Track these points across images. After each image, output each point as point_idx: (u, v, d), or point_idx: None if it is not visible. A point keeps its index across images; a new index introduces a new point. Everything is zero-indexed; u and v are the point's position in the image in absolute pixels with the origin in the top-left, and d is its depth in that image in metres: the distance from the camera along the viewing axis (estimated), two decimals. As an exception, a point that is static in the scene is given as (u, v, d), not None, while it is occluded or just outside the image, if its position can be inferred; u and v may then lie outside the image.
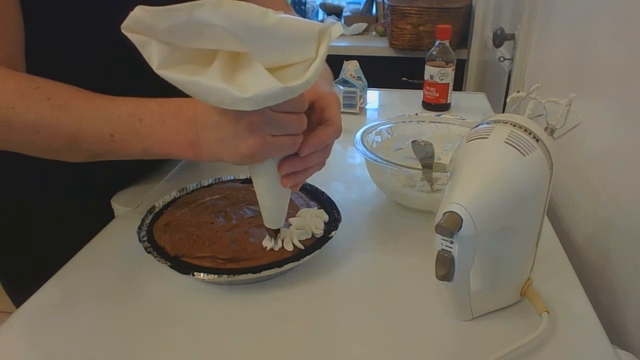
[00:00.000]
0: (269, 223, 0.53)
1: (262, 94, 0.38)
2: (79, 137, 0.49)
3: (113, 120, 0.48)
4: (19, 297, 0.56)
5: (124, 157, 0.52)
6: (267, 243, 0.55)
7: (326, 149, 0.51)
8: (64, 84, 0.50)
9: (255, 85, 0.37)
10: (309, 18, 2.42)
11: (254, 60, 0.38)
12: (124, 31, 0.37)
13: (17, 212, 0.75)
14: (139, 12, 0.36)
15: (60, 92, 0.49)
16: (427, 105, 1.11)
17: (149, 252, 0.55)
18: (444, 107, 1.10)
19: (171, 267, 0.52)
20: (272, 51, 0.37)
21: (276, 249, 0.55)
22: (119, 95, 0.51)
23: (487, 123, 0.47)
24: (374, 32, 2.33)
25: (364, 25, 2.35)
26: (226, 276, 0.51)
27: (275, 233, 0.55)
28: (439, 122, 0.81)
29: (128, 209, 0.71)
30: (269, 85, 0.37)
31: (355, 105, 1.09)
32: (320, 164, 0.52)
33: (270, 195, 0.51)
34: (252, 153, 0.45)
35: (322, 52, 0.38)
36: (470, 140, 0.46)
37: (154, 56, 0.38)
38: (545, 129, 0.47)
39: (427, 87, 1.09)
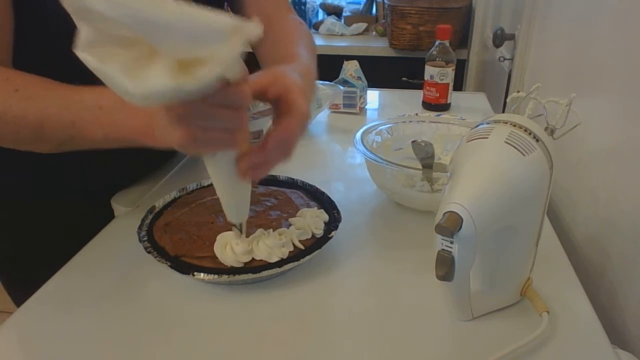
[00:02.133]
0: (230, 217, 0.51)
1: (151, 91, 0.34)
2: (44, 125, 0.50)
3: (75, 108, 0.49)
4: (20, 296, 0.56)
5: (88, 145, 0.52)
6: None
7: (291, 141, 0.47)
8: (35, 76, 0.51)
9: (148, 81, 0.34)
10: (309, 18, 2.42)
11: (162, 53, 0.34)
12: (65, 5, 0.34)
13: (18, 212, 0.75)
14: None
15: (29, 84, 0.50)
16: (427, 105, 1.11)
17: (149, 252, 0.55)
18: (444, 107, 1.10)
19: (171, 267, 0.52)
20: (174, 45, 0.34)
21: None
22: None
23: (487, 123, 0.47)
24: (374, 32, 2.33)
25: (364, 25, 2.35)
26: (226, 276, 0.51)
27: (238, 227, 0.52)
28: (439, 122, 0.81)
29: (128, 209, 0.71)
30: (159, 83, 0.34)
31: (355, 105, 1.09)
32: (286, 157, 0.49)
33: (226, 189, 0.47)
34: (182, 144, 0.42)
35: (228, 52, 0.34)
36: (470, 140, 0.46)
37: (80, 37, 0.34)
38: (545, 129, 0.47)
39: (427, 87, 1.09)
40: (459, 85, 1.99)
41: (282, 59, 0.62)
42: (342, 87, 1.05)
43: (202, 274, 0.51)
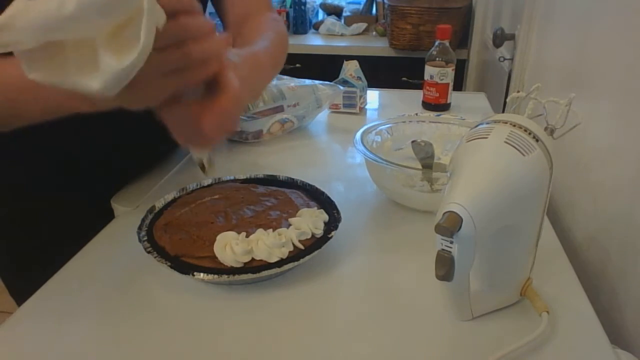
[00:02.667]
0: (194, 155, 0.52)
1: (107, 81, 0.35)
2: None
3: (12, 83, 0.47)
4: (21, 295, 0.56)
5: (28, 120, 0.50)
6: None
7: (227, 121, 0.46)
8: None
9: (97, 73, 0.35)
10: (309, 18, 2.42)
11: (89, 41, 0.35)
12: None
13: (17, 211, 0.75)
14: None
15: None
16: (427, 105, 1.11)
17: (149, 252, 0.55)
18: (444, 107, 1.10)
19: (171, 267, 0.52)
20: (98, 31, 0.34)
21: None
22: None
23: (487, 123, 0.47)
24: (374, 32, 2.33)
25: (364, 25, 2.35)
26: (226, 276, 0.51)
27: (207, 161, 0.53)
28: (439, 122, 0.81)
29: (128, 209, 0.71)
30: (113, 69, 0.34)
31: (355, 105, 1.09)
32: (226, 133, 0.48)
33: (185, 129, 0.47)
34: (153, 98, 0.42)
35: (146, 4, 0.33)
36: (470, 140, 0.46)
37: (21, 62, 0.35)
38: (545, 129, 0.47)
39: (427, 87, 1.09)
40: (459, 85, 2.00)
41: (240, 47, 0.60)
42: (342, 87, 1.05)
43: (202, 274, 0.51)
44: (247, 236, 0.55)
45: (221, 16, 0.80)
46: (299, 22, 2.35)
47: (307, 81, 1.02)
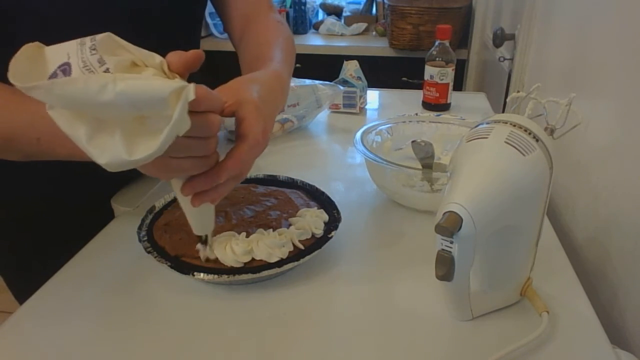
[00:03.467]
0: (195, 231, 0.52)
1: (112, 163, 0.37)
2: (11, 139, 0.51)
3: (41, 125, 0.48)
4: (22, 295, 0.56)
5: (54, 158, 0.52)
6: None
7: (243, 171, 0.48)
8: (4, 87, 0.50)
9: (106, 152, 0.37)
10: (309, 18, 2.42)
11: (113, 122, 0.37)
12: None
13: (18, 211, 0.75)
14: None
15: None
16: (427, 105, 1.11)
17: (149, 252, 0.55)
18: (444, 107, 1.10)
19: (171, 267, 0.52)
20: (123, 117, 0.36)
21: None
22: None
23: (487, 123, 0.47)
24: (374, 32, 2.33)
25: (364, 25, 2.35)
26: (226, 276, 0.51)
27: (204, 240, 0.53)
28: (439, 122, 0.81)
29: (128, 209, 0.71)
30: (116, 155, 0.37)
31: (355, 105, 1.09)
32: (238, 179, 0.49)
33: (187, 206, 0.48)
34: (153, 173, 0.44)
35: (176, 115, 0.36)
36: (470, 140, 0.46)
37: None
38: (545, 129, 0.47)
39: (427, 87, 1.09)
40: (459, 85, 2.00)
41: (256, 61, 0.62)
42: (342, 87, 1.05)
43: (202, 274, 0.51)
44: (247, 236, 0.55)
45: (221, 15, 0.80)
46: (299, 22, 2.35)
47: (307, 81, 1.02)
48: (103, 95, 0.34)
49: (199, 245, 0.53)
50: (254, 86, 0.52)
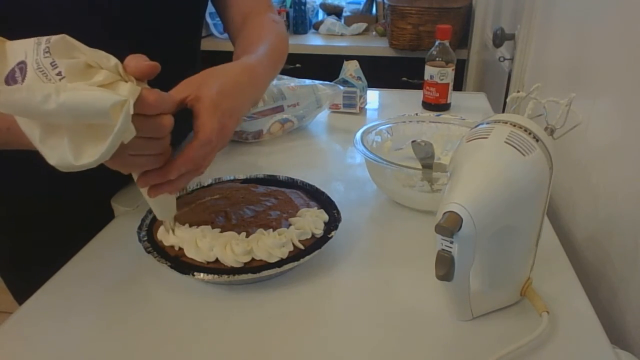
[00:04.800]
0: (158, 216, 0.55)
1: (60, 165, 0.39)
2: None
3: (10, 115, 0.49)
4: (22, 295, 0.56)
5: (24, 147, 0.51)
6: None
7: (194, 162, 0.49)
8: None
9: (56, 154, 0.39)
10: (309, 18, 2.42)
11: (62, 128, 0.39)
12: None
13: (18, 211, 0.75)
14: None
15: None
16: (427, 105, 1.11)
17: (149, 252, 0.55)
18: (444, 107, 1.10)
19: (171, 267, 0.52)
20: (69, 123, 0.38)
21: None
22: None
23: (487, 123, 0.47)
24: (374, 32, 2.33)
25: (364, 25, 2.35)
26: (226, 276, 0.51)
27: (168, 224, 0.56)
28: (439, 122, 0.81)
29: (128, 209, 0.71)
30: (64, 159, 0.39)
31: (355, 105, 1.09)
32: (194, 173, 0.51)
33: (149, 197, 0.51)
34: (112, 167, 0.46)
35: (118, 126, 0.38)
36: (470, 140, 0.46)
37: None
38: (545, 129, 0.47)
39: (427, 87, 1.09)
40: (459, 85, 2.00)
41: (240, 56, 0.63)
42: (342, 87, 1.05)
43: (202, 274, 0.51)
44: (247, 236, 0.55)
45: (221, 15, 0.81)
46: (299, 22, 2.35)
47: (307, 81, 1.02)
48: (46, 105, 0.35)
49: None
50: (217, 80, 0.53)
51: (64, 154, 0.39)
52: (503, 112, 1.01)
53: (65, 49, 0.37)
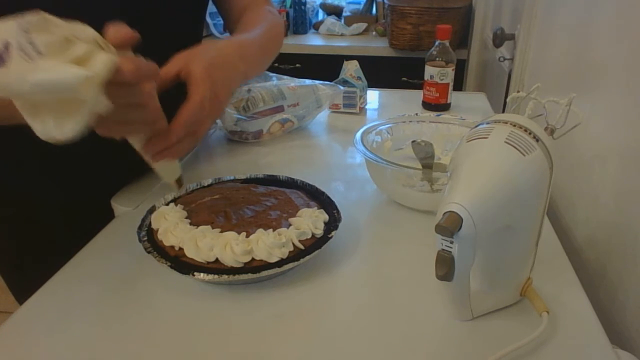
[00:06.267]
0: (165, 179, 0.59)
1: (47, 138, 0.41)
2: None
3: None
4: (23, 295, 0.56)
5: (18, 122, 0.52)
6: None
7: (189, 126, 0.52)
8: None
9: (43, 128, 0.41)
10: (309, 18, 2.42)
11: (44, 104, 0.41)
12: None
13: (17, 211, 0.75)
14: None
15: None
16: (427, 105, 1.11)
17: (149, 252, 0.55)
18: (444, 107, 1.10)
19: (171, 267, 0.52)
20: (48, 100, 0.41)
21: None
22: None
23: (487, 123, 0.47)
24: (374, 32, 2.33)
25: (364, 25, 2.35)
26: (226, 276, 0.51)
27: (176, 184, 0.60)
28: (439, 122, 0.81)
29: (128, 209, 0.71)
30: (50, 132, 0.41)
31: (355, 105, 1.09)
32: (192, 138, 0.53)
33: (154, 164, 0.55)
34: (104, 134, 0.48)
35: (89, 100, 0.40)
36: (470, 140, 0.46)
37: None
38: (545, 129, 0.47)
39: (427, 87, 1.09)
40: (459, 85, 2.00)
41: None
42: (342, 87, 1.05)
43: (202, 274, 0.51)
44: (247, 236, 0.55)
45: (222, 14, 0.82)
46: (299, 22, 2.35)
47: (307, 81, 1.02)
48: (21, 87, 0.38)
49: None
50: (207, 54, 0.56)
51: (50, 128, 0.41)
52: (503, 112, 1.01)
53: (43, 26, 0.39)
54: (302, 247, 0.55)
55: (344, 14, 2.46)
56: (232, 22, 0.80)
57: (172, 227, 0.56)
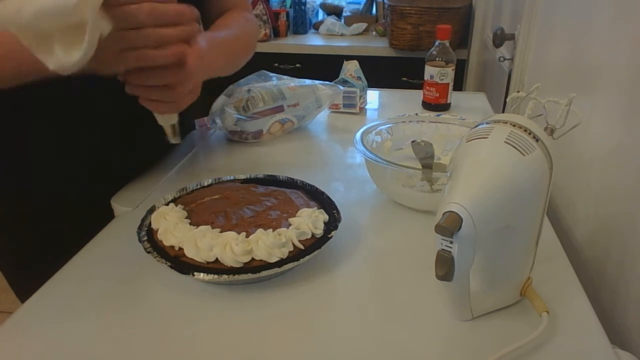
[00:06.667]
0: (159, 121, 0.61)
1: (58, 67, 0.44)
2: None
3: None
4: (24, 294, 0.56)
5: (24, 75, 0.54)
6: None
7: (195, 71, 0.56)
8: None
9: (53, 58, 0.44)
10: (309, 18, 2.42)
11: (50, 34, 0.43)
12: None
13: (17, 211, 0.75)
14: None
15: None
16: (427, 105, 1.11)
17: (149, 252, 0.55)
18: (444, 107, 1.10)
19: (171, 267, 0.52)
20: (52, 28, 0.42)
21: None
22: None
23: (487, 123, 0.47)
24: (374, 32, 2.33)
25: (364, 25, 2.35)
26: (226, 276, 0.51)
27: (171, 129, 0.62)
28: (439, 122, 0.81)
29: (128, 209, 0.71)
30: (59, 60, 0.43)
31: (355, 105, 1.09)
32: (192, 94, 0.59)
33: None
34: (115, 68, 0.52)
35: (89, 21, 0.42)
36: (470, 140, 0.46)
37: None
38: (545, 129, 0.47)
39: (427, 87, 1.09)
40: (459, 85, 2.00)
41: None
42: (342, 87, 1.05)
43: (202, 274, 0.51)
44: (247, 236, 0.55)
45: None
46: (299, 22, 2.35)
47: (307, 81, 1.02)
48: (20, 17, 0.40)
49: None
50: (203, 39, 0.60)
51: (60, 56, 0.43)
52: (503, 112, 1.01)
53: None
54: (302, 247, 0.55)
55: (344, 14, 2.46)
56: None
57: (172, 227, 0.56)
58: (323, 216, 0.60)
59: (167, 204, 0.63)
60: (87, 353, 0.47)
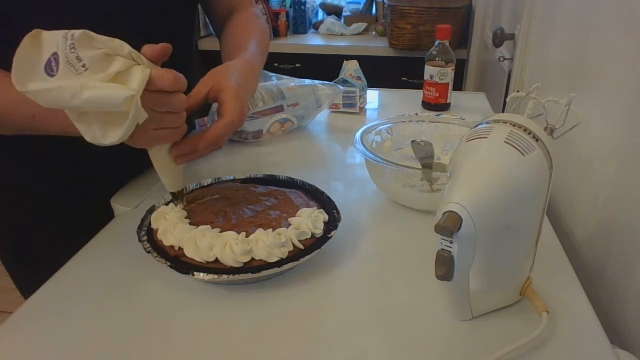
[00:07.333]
0: (168, 188, 0.62)
1: (94, 141, 0.49)
2: (5, 116, 0.56)
3: (35, 103, 0.50)
4: (28, 292, 0.56)
5: (45, 133, 0.57)
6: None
7: (218, 141, 0.59)
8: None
9: (90, 132, 0.49)
10: (309, 18, 2.42)
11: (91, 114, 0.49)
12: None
13: (17, 211, 0.75)
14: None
15: None
16: (427, 105, 1.11)
17: (149, 252, 0.55)
18: (444, 107, 1.10)
19: (171, 267, 0.52)
20: (93, 111, 0.47)
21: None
22: None
23: (487, 123, 0.47)
24: (374, 32, 2.33)
25: (364, 25, 2.35)
26: (226, 276, 0.51)
27: (177, 196, 0.62)
28: (439, 122, 0.81)
29: (128, 209, 0.71)
30: (96, 137, 0.49)
31: (355, 105, 1.09)
32: (213, 148, 0.59)
33: (166, 171, 0.60)
34: (139, 144, 0.54)
35: (131, 114, 0.46)
36: (470, 140, 0.46)
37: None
38: (545, 129, 0.47)
39: (427, 87, 1.09)
40: (459, 85, 2.00)
41: (233, 50, 0.72)
42: (342, 87, 1.05)
43: (202, 274, 0.51)
44: (247, 236, 0.55)
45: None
46: (299, 22, 2.35)
47: (307, 81, 1.02)
48: (74, 101, 0.44)
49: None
50: (233, 74, 0.63)
51: (95, 133, 0.48)
52: (503, 112, 1.01)
53: (87, 42, 0.45)
54: (302, 247, 0.55)
55: (344, 14, 2.46)
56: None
57: (172, 227, 0.56)
58: (323, 216, 0.60)
59: (167, 204, 0.63)
60: (87, 353, 0.47)
